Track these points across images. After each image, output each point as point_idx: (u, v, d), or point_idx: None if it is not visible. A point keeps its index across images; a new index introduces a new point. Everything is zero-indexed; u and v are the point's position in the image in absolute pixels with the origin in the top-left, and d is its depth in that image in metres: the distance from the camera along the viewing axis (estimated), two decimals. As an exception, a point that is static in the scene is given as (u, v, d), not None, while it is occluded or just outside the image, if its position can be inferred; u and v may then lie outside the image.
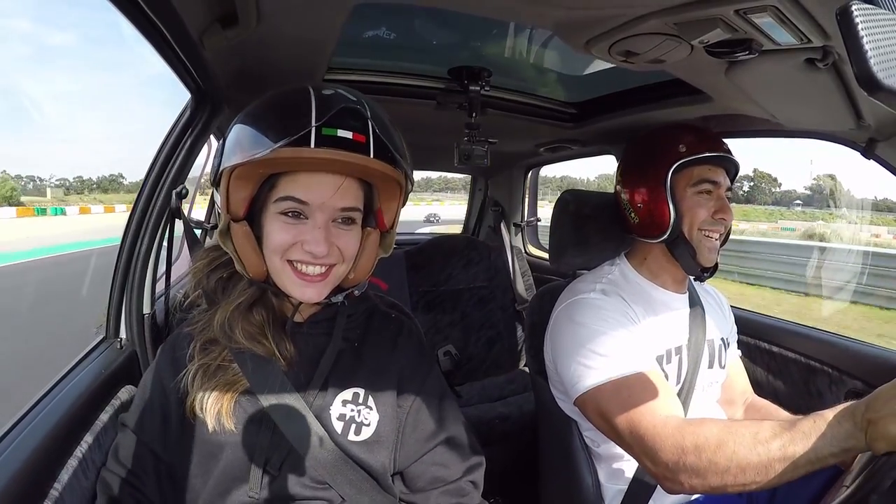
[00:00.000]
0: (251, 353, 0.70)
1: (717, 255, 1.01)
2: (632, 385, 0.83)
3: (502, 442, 1.73)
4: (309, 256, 0.66)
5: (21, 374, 2.71)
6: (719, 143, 1.00)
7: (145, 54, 15.61)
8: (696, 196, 0.98)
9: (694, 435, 0.73)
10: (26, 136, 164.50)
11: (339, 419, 0.71)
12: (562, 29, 0.80)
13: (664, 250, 1.02)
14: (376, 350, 0.78)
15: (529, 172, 2.47)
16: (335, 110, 0.62)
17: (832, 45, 0.68)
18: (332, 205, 0.66)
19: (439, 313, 2.18)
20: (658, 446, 0.76)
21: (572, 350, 0.91)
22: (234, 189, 0.66)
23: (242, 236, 0.67)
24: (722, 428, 0.72)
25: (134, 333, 1.03)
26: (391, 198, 0.72)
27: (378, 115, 0.66)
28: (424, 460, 0.76)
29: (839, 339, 1.25)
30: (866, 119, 0.91)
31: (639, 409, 0.80)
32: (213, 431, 0.68)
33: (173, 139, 1.01)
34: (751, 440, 0.68)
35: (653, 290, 1.04)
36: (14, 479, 0.61)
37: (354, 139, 0.62)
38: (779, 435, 0.67)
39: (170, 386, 0.72)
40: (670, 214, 0.98)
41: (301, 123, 0.61)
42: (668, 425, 0.76)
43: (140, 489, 0.71)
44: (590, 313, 0.94)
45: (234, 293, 0.72)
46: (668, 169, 0.97)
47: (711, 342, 1.06)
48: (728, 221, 0.99)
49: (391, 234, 0.75)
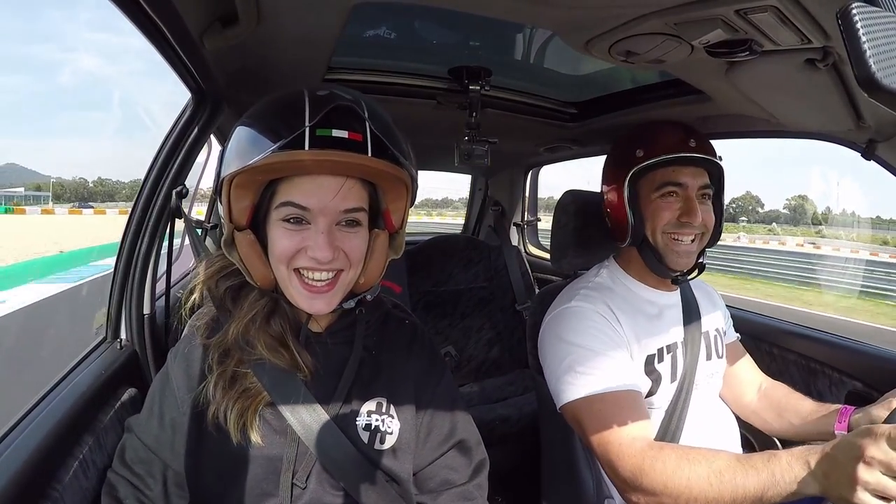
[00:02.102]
0: (272, 366, 0.68)
1: (691, 259, 0.99)
2: (606, 402, 0.87)
3: (502, 443, 1.73)
4: (314, 262, 0.64)
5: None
6: (683, 143, 0.95)
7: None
8: (659, 200, 0.97)
9: (652, 459, 0.78)
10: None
11: (365, 429, 0.70)
12: (562, 29, 0.80)
13: (638, 253, 1.02)
14: (393, 357, 0.77)
15: (529, 172, 2.47)
16: (328, 109, 0.61)
17: (832, 46, 0.68)
18: (334, 207, 0.64)
19: (439, 314, 2.17)
20: (619, 464, 0.82)
21: (555, 365, 0.95)
22: (235, 198, 0.64)
23: (247, 245, 0.66)
24: (680, 455, 0.77)
25: (134, 334, 1.02)
26: (398, 197, 0.70)
27: (377, 113, 0.65)
28: (437, 463, 0.76)
29: (839, 340, 1.25)
30: (866, 120, 0.91)
31: (608, 425, 0.85)
32: (238, 445, 0.66)
33: (173, 139, 1.01)
34: (706, 470, 0.73)
35: (641, 291, 1.04)
36: (14, 479, 0.60)
37: (350, 138, 0.60)
38: (732, 468, 0.71)
39: (185, 397, 0.70)
40: (628, 219, 0.98)
41: (293, 125, 0.59)
42: (632, 446, 0.81)
43: (145, 493, 0.71)
44: (571, 326, 0.95)
45: (246, 304, 0.70)
46: (625, 175, 0.97)
47: (707, 334, 1.06)
48: (696, 223, 0.95)
49: (400, 235, 0.73)
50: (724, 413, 1.07)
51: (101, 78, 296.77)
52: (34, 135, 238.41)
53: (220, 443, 0.67)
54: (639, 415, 0.86)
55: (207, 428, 0.68)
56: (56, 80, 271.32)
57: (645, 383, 0.95)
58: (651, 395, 0.96)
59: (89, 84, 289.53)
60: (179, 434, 0.70)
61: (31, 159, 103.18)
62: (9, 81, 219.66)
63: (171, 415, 0.71)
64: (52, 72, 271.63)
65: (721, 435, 1.03)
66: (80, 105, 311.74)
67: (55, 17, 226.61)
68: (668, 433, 0.96)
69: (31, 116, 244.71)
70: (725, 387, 1.12)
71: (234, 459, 0.68)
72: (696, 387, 1.00)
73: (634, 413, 0.86)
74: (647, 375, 0.96)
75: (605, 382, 0.88)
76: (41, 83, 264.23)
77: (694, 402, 0.99)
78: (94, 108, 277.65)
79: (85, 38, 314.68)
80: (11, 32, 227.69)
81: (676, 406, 0.97)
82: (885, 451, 0.59)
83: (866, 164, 1.01)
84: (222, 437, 0.67)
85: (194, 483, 0.70)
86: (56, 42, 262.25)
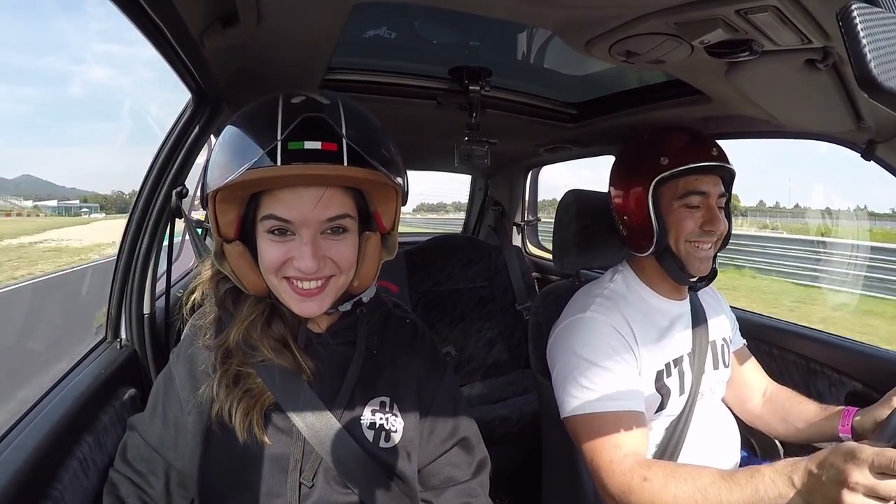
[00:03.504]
0: (274, 367, 0.68)
1: (710, 264, 0.99)
2: (605, 421, 0.88)
3: (502, 443, 1.73)
4: (300, 273, 0.64)
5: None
6: (706, 151, 0.94)
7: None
8: (682, 209, 0.95)
9: (640, 478, 0.80)
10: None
11: (370, 428, 0.71)
12: (562, 29, 0.80)
13: (655, 261, 1.01)
14: (395, 356, 0.77)
15: (529, 172, 2.47)
16: (298, 120, 0.59)
17: (832, 46, 0.68)
18: (316, 218, 0.63)
19: (439, 313, 2.17)
20: (608, 480, 0.84)
21: (563, 374, 0.95)
22: (221, 212, 0.64)
23: (237, 256, 0.66)
24: (667, 473, 0.79)
25: (134, 333, 1.03)
26: (386, 199, 0.68)
27: (355, 119, 0.62)
28: (441, 461, 0.76)
29: (839, 340, 1.25)
30: (866, 120, 0.91)
31: (602, 443, 0.86)
32: (245, 445, 0.67)
33: (174, 138, 1.01)
34: (691, 487, 0.76)
35: (653, 300, 1.02)
36: (14, 478, 0.60)
37: (324, 149, 0.59)
38: (716, 485, 0.74)
39: (188, 397, 0.70)
40: (654, 230, 0.95)
41: (265, 140, 0.58)
42: (623, 464, 0.83)
43: (146, 491, 0.71)
44: (583, 338, 0.94)
45: (246, 308, 0.70)
46: (649, 184, 0.95)
47: (714, 343, 1.06)
48: (719, 231, 0.95)
49: (393, 236, 0.72)
50: (726, 420, 1.07)
51: (111, 88, 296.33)
52: (47, 144, 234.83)
53: (226, 442, 0.68)
54: (635, 436, 0.87)
55: (212, 427, 0.68)
56: (67, 91, 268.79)
57: (655, 399, 0.95)
58: (661, 410, 0.96)
59: (101, 94, 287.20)
60: (183, 434, 0.71)
61: (45, 170, 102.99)
62: (22, 93, 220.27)
63: (174, 414, 0.71)
64: (63, 83, 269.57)
65: (722, 442, 1.02)
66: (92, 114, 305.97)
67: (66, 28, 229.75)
68: (670, 442, 0.96)
69: (43, 127, 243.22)
70: (730, 391, 1.12)
71: (239, 459, 0.68)
72: (701, 396, 1.00)
73: (631, 434, 0.87)
74: (657, 391, 0.95)
75: (607, 401, 0.89)
76: (52, 93, 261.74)
77: (698, 411, 0.99)
78: (106, 117, 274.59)
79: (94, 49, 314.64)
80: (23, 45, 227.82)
81: (681, 416, 0.97)
82: (867, 477, 0.60)
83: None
84: (227, 437, 0.67)
85: (200, 482, 0.70)
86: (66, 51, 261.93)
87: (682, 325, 1.03)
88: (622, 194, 1.02)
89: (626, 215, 1.01)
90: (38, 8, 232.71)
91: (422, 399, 0.76)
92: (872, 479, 0.60)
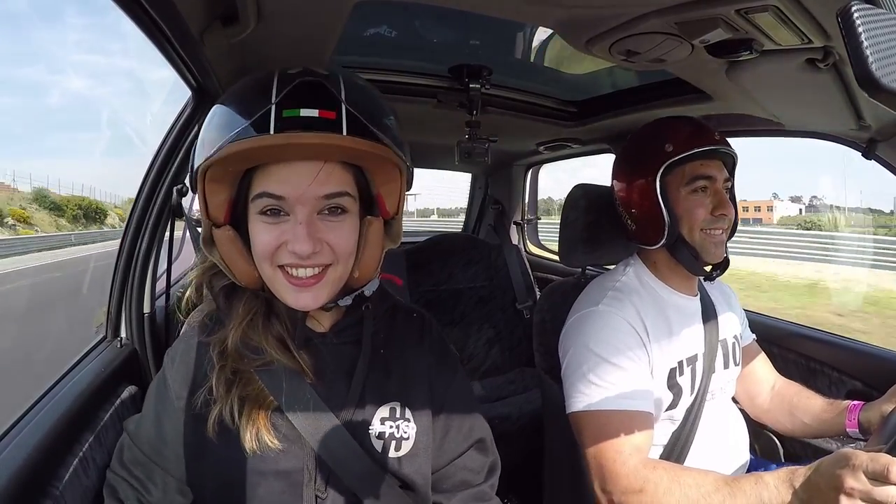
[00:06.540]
0: (275, 369, 0.63)
1: (724, 250, 0.97)
2: (612, 420, 0.87)
3: (502, 442, 1.72)
4: (295, 258, 0.58)
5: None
6: (710, 136, 0.93)
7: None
8: (691, 196, 0.93)
9: (644, 480, 0.80)
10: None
11: (379, 437, 0.66)
12: (563, 27, 0.79)
13: (668, 253, 0.99)
14: (404, 354, 0.72)
15: (530, 171, 2.46)
16: (294, 85, 0.55)
17: (833, 46, 0.68)
18: (313, 194, 0.57)
19: (439, 313, 2.17)
20: (610, 480, 0.83)
21: (573, 368, 0.94)
22: (210, 192, 0.59)
23: (227, 242, 0.61)
24: (672, 477, 0.79)
25: (134, 333, 1.03)
26: (389, 179, 0.62)
27: (356, 88, 0.58)
28: (456, 464, 0.73)
29: (839, 340, 1.25)
30: (867, 120, 0.91)
31: (607, 442, 0.86)
32: (252, 456, 0.61)
33: (174, 137, 1.01)
34: (696, 493, 0.76)
35: (666, 294, 1.01)
36: (15, 477, 0.60)
37: (322, 116, 0.54)
38: (720, 489, 0.75)
39: (183, 404, 0.66)
40: (665, 220, 0.93)
41: (258, 107, 0.54)
42: (627, 464, 0.83)
43: (144, 495, 0.68)
44: (596, 332, 0.93)
45: (242, 307, 0.65)
46: (656, 172, 0.93)
47: (724, 342, 1.04)
48: (730, 214, 0.94)
49: (397, 222, 0.66)
50: (735, 418, 1.06)
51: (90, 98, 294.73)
52: (33, 155, 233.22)
53: (225, 451, 0.63)
54: (642, 437, 0.86)
55: (210, 434, 0.63)
56: (45, 101, 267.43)
57: (666, 397, 0.94)
58: (671, 409, 0.95)
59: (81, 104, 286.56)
60: (178, 443, 0.66)
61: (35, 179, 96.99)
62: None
63: (169, 422, 0.67)
64: (41, 93, 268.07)
65: (731, 443, 1.02)
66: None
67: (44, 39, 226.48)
68: (679, 441, 0.95)
69: (24, 136, 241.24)
70: (739, 387, 1.11)
71: (240, 470, 0.63)
72: (711, 396, 0.99)
73: (637, 435, 0.85)
74: (668, 390, 0.94)
75: (616, 400, 0.87)
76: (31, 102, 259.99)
77: (707, 410, 0.98)
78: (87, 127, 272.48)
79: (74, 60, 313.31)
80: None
81: (690, 415, 0.96)
82: (863, 482, 0.62)
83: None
84: (226, 445, 0.62)
85: (199, 493, 0.67)
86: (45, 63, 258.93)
87: (694, 323, 1.01)
88: (627, 187, 1.00)
89: (633, 208, 0.99)
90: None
91: (435, 400, 0.71)
92: (868, 484, 0.61)
